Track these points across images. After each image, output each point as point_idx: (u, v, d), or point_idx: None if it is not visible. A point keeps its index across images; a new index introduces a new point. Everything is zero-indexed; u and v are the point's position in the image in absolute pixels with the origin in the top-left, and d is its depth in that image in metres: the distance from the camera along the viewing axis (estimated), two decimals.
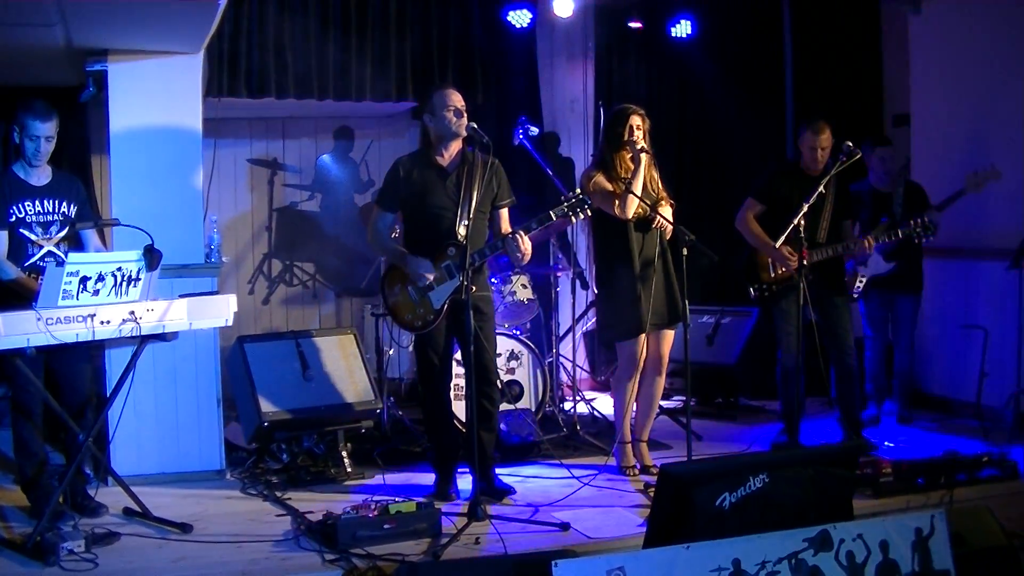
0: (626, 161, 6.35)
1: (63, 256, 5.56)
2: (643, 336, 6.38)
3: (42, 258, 5.65)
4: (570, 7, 8.72)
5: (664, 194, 6.48)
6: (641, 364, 6.44)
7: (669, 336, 6.52)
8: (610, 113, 6.62)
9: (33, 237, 5.66)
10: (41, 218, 5.68)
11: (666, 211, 6.37)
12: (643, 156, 6.27)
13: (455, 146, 6.02)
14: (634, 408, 6.67)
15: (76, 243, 5.83)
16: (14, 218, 5.60)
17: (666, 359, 6.53)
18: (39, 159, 5.65)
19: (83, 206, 5.88)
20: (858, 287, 7.44)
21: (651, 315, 6.31)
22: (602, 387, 9.23)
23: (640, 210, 6.29)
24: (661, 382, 6.58)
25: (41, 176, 5.73)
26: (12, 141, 5.68)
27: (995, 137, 7.82)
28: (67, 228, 5.77)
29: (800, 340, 6.54)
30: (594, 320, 9.03)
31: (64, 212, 5.76)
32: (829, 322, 6.85)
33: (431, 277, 5.85)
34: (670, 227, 6.30)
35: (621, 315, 6.42)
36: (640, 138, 6.32)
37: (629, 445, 6.61)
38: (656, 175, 6.49)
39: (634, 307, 6.33)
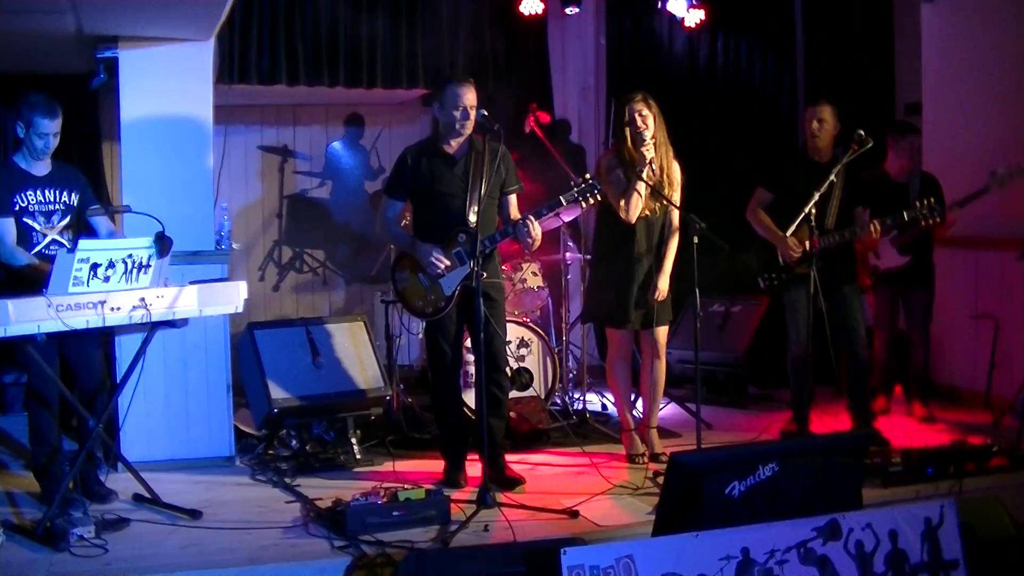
0: (632, 154, 6.34)
1: (67, 244, 5.58)
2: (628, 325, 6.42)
3: (47, 246, 5.67)
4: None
5: (678, 188, 6.47)
6: (631, 349, 6.47)
7: (663, 327, 6.54)
8: (615, 102, 6.61)
9: (37, 226, 5.68)
10: (43, 207, 5.70)
11: (675, 196, 6.37)
12: (647, 152, 6.25)
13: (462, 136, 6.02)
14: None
15: (80, 231, 5.84)
16: (17, 207, 5.62)
17: (662, 343, 6.52)
18: (46, 154, 5.71)
19: (84, 192, 5.90)
20: (874, 267, 7.44)
21: (640, 311, 6.34)
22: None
23: (647, 211, 6.31)
24: (661, 366, 6.56)
25: (42, 166, 5.76)
26: (16, 134, 5.70)
27: (1007, 127, 7.78)
28: (70, 216, 5.79)
29: (810, 329, 6.53)
30: None
31: (66, 201, 5.79)
32: (839, 312, 6.82)
33: (446, 263, 5.85)
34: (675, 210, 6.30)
35: (609, 302, 6.45)
36: (648, 125, 6.30)
37: (636, 432, 6.62)
38: (673, 169, 6.47)
39: (622, 297, 6.35)
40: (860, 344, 6.90)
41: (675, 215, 6.44)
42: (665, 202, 6.31)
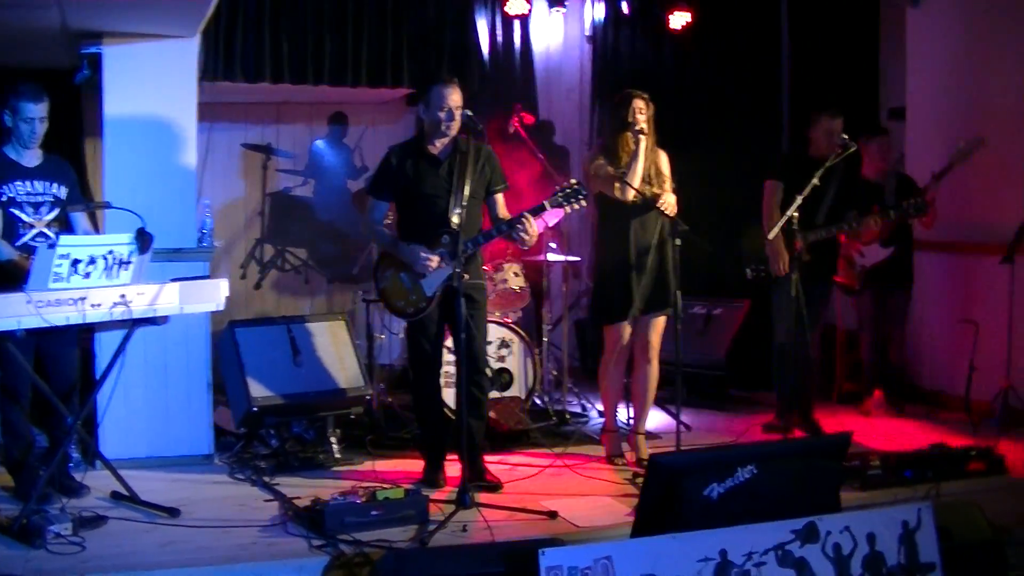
0: (628, 144, 6.35)
1: (54, 237, 5.55)
2: (627, 322, 6.40)
3: (33, 238, 5.65)
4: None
5: (667, 179, 6.46)
6: (627, 351, 6.46)
7: (658, 323, 6.50)
8: (614, 98, 6.62)
9: (25, 217, 5.65)
10: (32, 199, 5.68)
11: (670, 197, 6.33)
12: (642, 137, 6.25)
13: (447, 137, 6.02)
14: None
15: (65, 226, 5.83)
16: (5, 198, 5.61)
17: (655, 345, 6.51)
18: (34, 141, 5.68)
19: (73, 188, 5.89)
20: (860, 267, 7.51)
21: (639, 301, 6.33)
22: (592, 376, 9.23)
23: (640, 192, 6.30)
24: (653, 370, 6.54)
25: (32, 158, 5.75)
26: (4, 124, 5.68)
27: (991, 132, 7.79)
28: (58, 209, 5.77)
29: (802, 320, 6.55)
30: (585, 309, 9.03)
31: (55, 194, 5.77)
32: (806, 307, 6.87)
33: (435, 259, 5.83)
34: (671, 209, 6.26)
35: (609, 299, 6.44)
36: (642, 122, 6.31)
37: (617, 434, 6.62)
38: (660, 160, 6.47)
39: (622, 293, 6.34)
40: (810, 344, 6.93)
41: (671, 201, 6.39)
42: (656, 190, 6.31)
